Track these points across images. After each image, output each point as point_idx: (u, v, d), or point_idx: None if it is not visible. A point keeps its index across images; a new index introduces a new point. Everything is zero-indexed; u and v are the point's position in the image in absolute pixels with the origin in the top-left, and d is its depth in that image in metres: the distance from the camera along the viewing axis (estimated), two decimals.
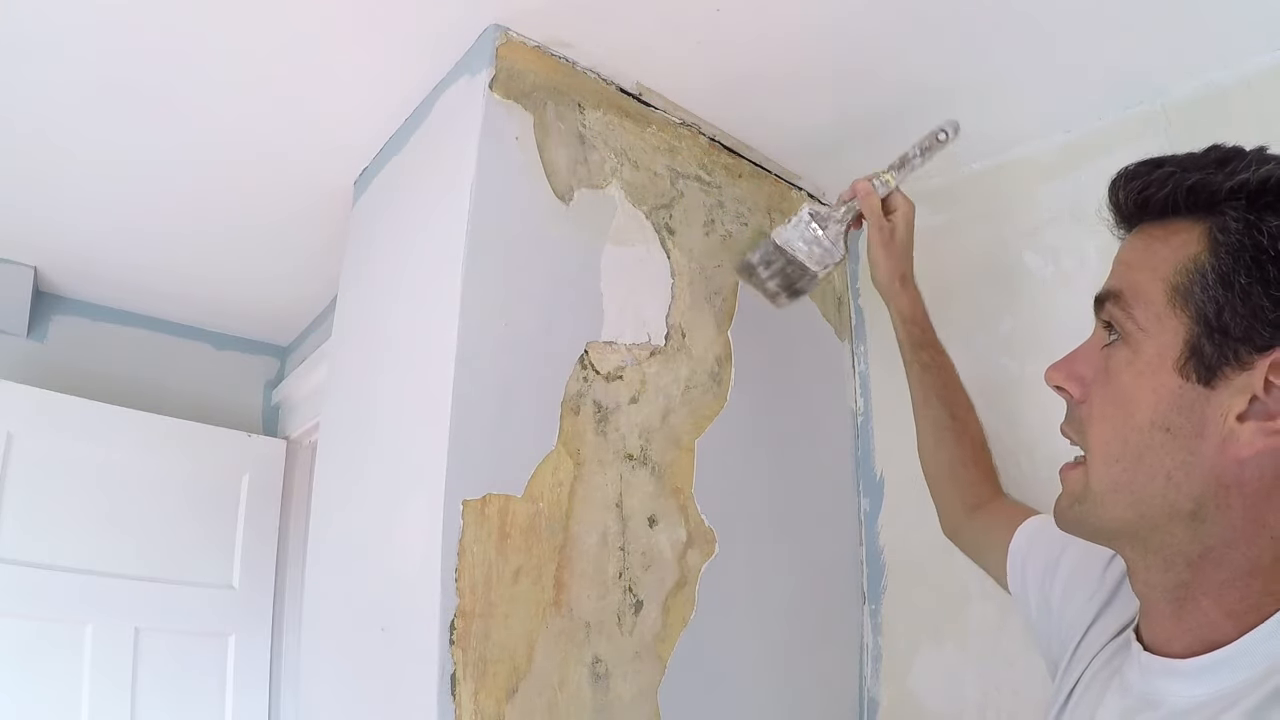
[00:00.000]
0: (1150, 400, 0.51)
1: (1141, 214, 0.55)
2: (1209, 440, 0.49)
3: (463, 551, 0.87)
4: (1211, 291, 0.49)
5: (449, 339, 0.93)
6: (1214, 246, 0.49)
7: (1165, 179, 0.52)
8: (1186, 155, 0.53)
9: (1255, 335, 0.47)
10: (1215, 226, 0.50)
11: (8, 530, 1.62)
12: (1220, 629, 0.49)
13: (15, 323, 1.82)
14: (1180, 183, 0.51)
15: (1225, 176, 0.50)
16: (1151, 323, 0.51)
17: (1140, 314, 0.52)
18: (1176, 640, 0.52)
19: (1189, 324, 0.50)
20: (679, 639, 1.03)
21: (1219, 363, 0.48)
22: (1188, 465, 0.49)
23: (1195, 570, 0.50)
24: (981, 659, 1.13)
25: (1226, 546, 0.49)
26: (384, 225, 1.26)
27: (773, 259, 1.05)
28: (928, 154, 1.01)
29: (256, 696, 1.88)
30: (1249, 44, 1.00)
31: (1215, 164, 0.51)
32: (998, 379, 1.20)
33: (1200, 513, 0.49)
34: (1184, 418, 0.49)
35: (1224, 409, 0.48)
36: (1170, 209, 0.52)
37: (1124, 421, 0.52)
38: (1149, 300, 0.52)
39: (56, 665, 1.62)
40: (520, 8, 1.02)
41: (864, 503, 1.34)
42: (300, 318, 2.10)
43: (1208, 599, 0.50)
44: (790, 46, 1.07)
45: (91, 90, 1.18)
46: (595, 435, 1.01)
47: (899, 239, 1.01)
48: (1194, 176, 0.51)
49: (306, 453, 2.10)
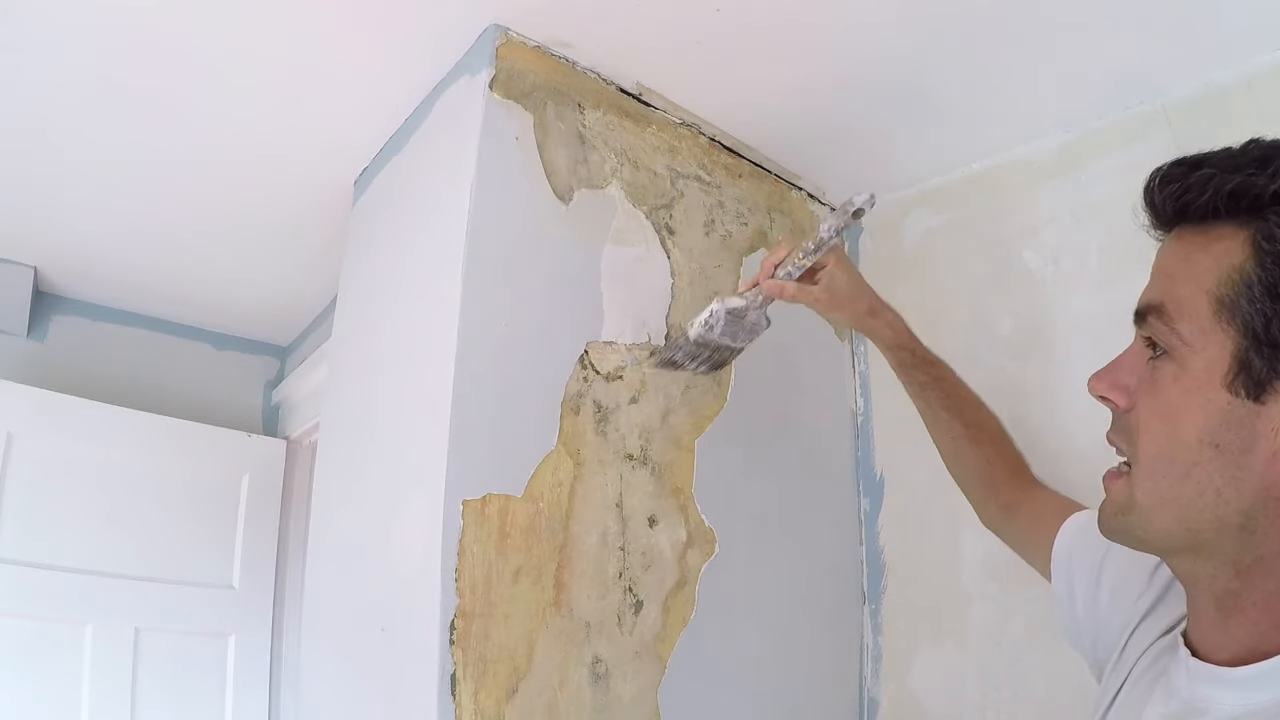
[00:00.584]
0: (1199, 417, 0.49)
1: (1180, 218, 0.53)
2: (1258, 455, 0.48)
3: (463, 551, 0.87)
4: (1259, 304, 0.47)
5: (449, 339, 0.93)
6: (1259, 255, 0.47)
7: (1205, 183, 0.50)
8: (1224, 153, 0.51)
9: None
10: (1260, 233, 0.48)
11: (8, 530, 1.62)
12: (1269, 639, 0.49)
13: (15, 323, 1.82)
14: (1221, 187, 0.49)
15: (1268, 179, 0.48)
16: (1197, 338, 0.50)
17: (1185, 329, 0.50)
18: (1224, 648, 0.51)
19: (1236, 338, 0.48)
20: (679, 639, 1.03)
21: (1269, 377, 0.47)
22: (1237, 481, 0.48)
23: (1244, 579, 0.50)
24: (981, 659, 1.13)
25: (1276, 557, 0.48)
26: (384, 225, 1.26)
27: (698, 353, 1.00)
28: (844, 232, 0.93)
29: (256, 696, 1.88)
30: (1249, 44, 1.00)
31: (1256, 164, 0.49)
32: (998, 379, 1.20)
33: (1249, 525, 0.48)
34: (1234, 434, 0.48)
35: (1274, 424, 0.47)
36: (1211, 213, 0.50)
37: (1171, 437, 0.51)
38: (1193, 314, 0.50)
39: (56, 665, 1.62)
40: (520, 8, 1.02)
41: (864, 503, 1.34)
42: (300, 318, 2.10)
43: (1256, 609, 0.50)
44: (790, 46, 1.07)
45: (91, 90, 1.18)
46: (595, 435, 1.01)
47: (839, 290, 0.95)
48: (1235, 179, 0.49)
49: (306, 453, 2.10)
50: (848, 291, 0.95)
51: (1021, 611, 1.10)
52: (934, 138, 1.26)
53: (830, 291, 0.94)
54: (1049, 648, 1.06)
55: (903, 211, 1.40)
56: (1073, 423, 1.09)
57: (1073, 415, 1.10)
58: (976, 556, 1.16)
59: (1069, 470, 0.94)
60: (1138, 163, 1.14)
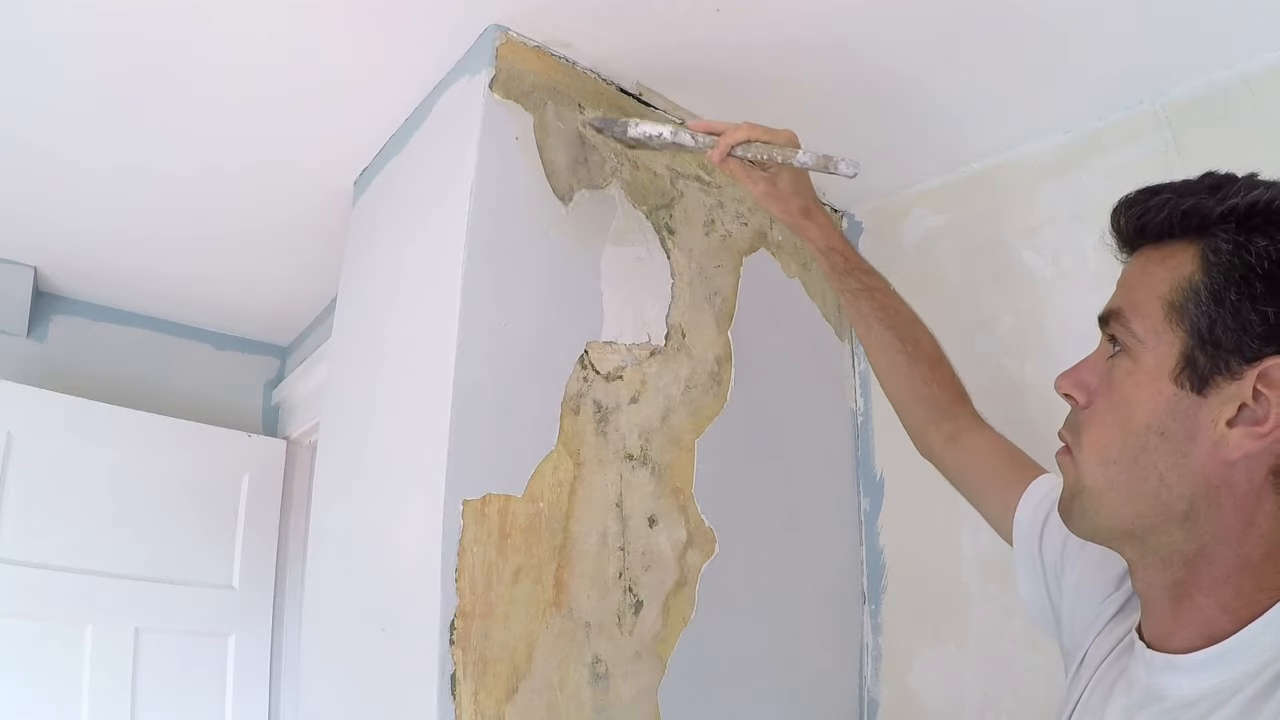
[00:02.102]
0: (1148, 406, 0.55)
1: (1140, 238, 0.59)
2: (1200, 444, 0.53)
3: (463, 551, 0.87)
4: (1205, 307, 0.53)
5: (449, 339, 0.93)
6: (1207, 266, 0.53)
7: (1161, 205, 0.56)
8: (1183, 182, 0.57)
9: (1244, 347, 0.51)
10: (1208, 248, 0.54)
11: (8, 530, 1.62)
12: (1217, 624, 0.52)
13: (15, 323, 1.82)
14: (1175, 208, 0.55)
15: (1217, 201, 0.54)
16: (1150, 336, 0.56)
17: (1139, 328, 0.56)
18: (1176, 636, 0.55)
19: (1184, 337, 0.54)
20: (679, 639, 1.03)
21: (1211, 372, 0.52)
22: (1179, 467, 0.53)
23: (1191, 568, 0.54)
24: (981, 659, 1.13)
25: (1219, 544, 0.53)
26: (384, 225, 1.26)
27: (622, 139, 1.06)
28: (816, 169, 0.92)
29: (256, 696, 1.88)
30: (1249, 44, 1.00)
31: (1208, 190, 0.55)
32: (998, 379, 1.20)
33: (1193, 513, 0.53)
34: (1177, 422, 0.53)
35: (1215, 415, 0.52)
36: (1166, 232, 0.57)
37: (1122, 425, 0.56)
38: (1147, 315, 0.56)
39: (56, 665, 1.62)
40: (520, 8, 1.02)
41: (864, 503, 1.34)
42: (300, 318, 2.10)
43: (1203, 595, 0.53)
44: (789, 46, 1.07)
45: (91, 89, 1.18)
46: (595, 435, 1.01)
47: (781, 185, 0.97)
48: (1188, 201, 0.55)
49: (306, 453, 2.10)
50: (788, 188, 0.98)
51: (1021, 611, 1.09)
52: (934, 138, 1.26)
53: (772, 184, 0.97)
54: (1049, 648, 1.05)
55: (903, 211, 1.40)
56: None
57: None
58: (976, 556, 1.16)
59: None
60: (1138, 163, 1.15)
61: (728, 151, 0.94)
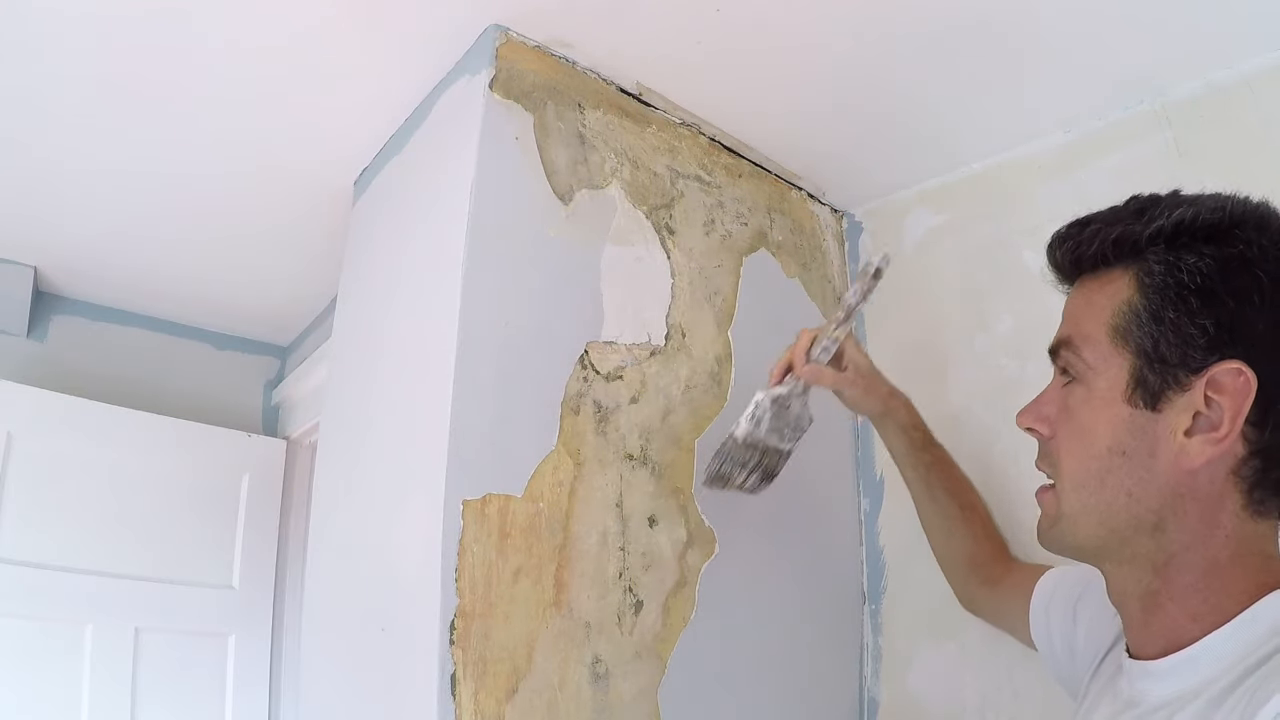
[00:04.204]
0: (1106, 429, 0.57)
1: (1077, 270, 0.62)
2: (1161, 458, 0.55)
3: (463, 551, 0.87)
4: (1146, 328, 0.55)
5: (449, 339, 0.93)
6: (1143, 288, 0.56)
7: (1093, 237, 0.59)
8: (1110, 210, 0.60)
9: (1189, 360, 0.54)
10: (1142, 271, 0.57)
11: (8, 530, 1.62)
12: (1186, 631, 0.54)
13: (15, 323, 1.82)
14: (1106, 237, 0.58)
15: (1143, 225, 0.56)
16: (1099, 361, 0.58)
17: (1089, 355, 0.59)
18: (1149, 644, 0.57)
19: (1131, 358, 0.56)
20: (679, 639, 1.03)
21: (1162, 388, 0.55)
22: (1144, 482, 0.55)
23: (1163, 577, 0.56)
24: (981, 659, 1.13)
25: (1187, 551, 0.55)
26: (384, 225, 1.26)
27: (747, 460, 0.97)
28: (869, 295, 0.95)
29: (256, 696, 1.88)
30: (1249, 44, 1.00)
31: (1134, 214, 0.58)
32: (998, 379, 1.20)
33: (1162, 524, 0.55)
34: (1137, 440, 0.56)
35: (1171, 428, 0.54)
36: (1101, 261, 0.59)
37: (1085, 450, 0.58)
38: (1095, 342, 0.59)
39: (56, 665, 1.62)
40: (520, 8, 1.02)
41: (864, 503, 1.34)
42: (300, 318, 2.10)
43: (1173, 604, 0.55)
44: (789, 46, 1.07)
45: (91, 89, 1.18)
46: (595, 435, 1.01)
47: (865, 371, 0.99)
48: (1116, 230, 0.58)
49: (306, 453, 2.10)
50: (871, 372, 1.01)
51: None
52: (934, 138, 1.25)
53: (859, 373, 0.99)
54: None
55: (903, 211, 1.40)
56: None
57: None
58: None
59: None
60: (1138, 163, 1.15)
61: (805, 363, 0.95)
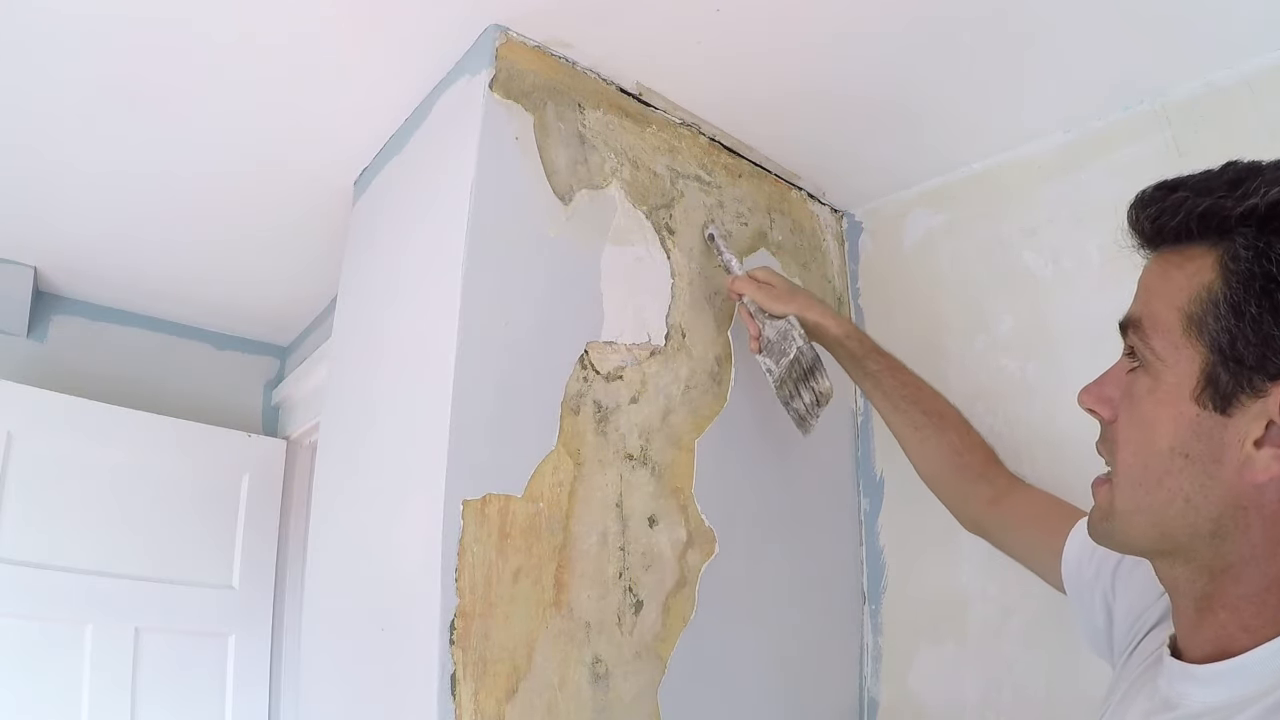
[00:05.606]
0: (1170, 428, 0.52)
1: (1159, 239, 0.55)
2: (1227, 465, 0.50)
3: (463, 551, 0.87)
4: (1224, 321, 0.49)
5: (449, 339, 0.93)
6: (1225, 274, 0.50)
7: (1178, 206, 0.52)
8: (1202, 176, 0.53)
9: (1268, 364, 0.48)
10: (1227, 254, 0.50)
11: (8, 530, 1.62)
12: (1236, 640, 0.51)
13: (15, 323, 1.82)
14: (1192, 209, 0.51)
15: (1236, 200, 0.50)
16: (1169, 352, 0.52)
17: (1158, 344, 0.53)
18: (1198, 648, 0.54)
19: (1205, 353, 0.50)
20: (679, 639, 1.03)
21: (1234, 391, 0.49)
22: (1206, 489, 0.51)
23: (1216, 583, 0.52)
24: (981, 659, 1.13)
25: (1245, 564, 0.51)
26: (384, 225, 1.26)
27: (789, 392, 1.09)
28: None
29: (256, 696, 1.88)
30: (1249, 44, 1.00)
31: (1228, 185, 0.51)
32: (998, 379, 1.20)
33: (1220, 531, 0.51)
34: (1202, 444, 0.51)
35: (1241, 435, 0.49)
36: (1184, 235, 0.53)
37: (1145, 446, 0.54)
38: (1166, 330, 0.53)
39: (56, 665, 1.62)
40: (520, 8, 1.02)
41: (864, 503, 1.34)
42: (300, 318, 2.10)
43: (1226, 611, 0.52)
44: (789, 46, 1.07)
45: (91, 89, 1.18)
46: (595, 435, 1.01)
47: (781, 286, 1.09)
48: (1205, 202, 0.51)
49: (306, 453, 2.10)
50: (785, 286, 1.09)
51: (1021, 610, 1.10)
52: (934, 138, 1.26)
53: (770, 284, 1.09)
54: (1049, 647, 1.06)
55: (903, 211, 1.40)
56: (1072, 423, 1.08)
57: (1073, 415, 1.08)
58: (976, 556, 1.16)
59: (1068, 470, 0.94)
60: (1138, 163, 1.15)
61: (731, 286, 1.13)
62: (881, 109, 1.19)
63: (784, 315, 1.06)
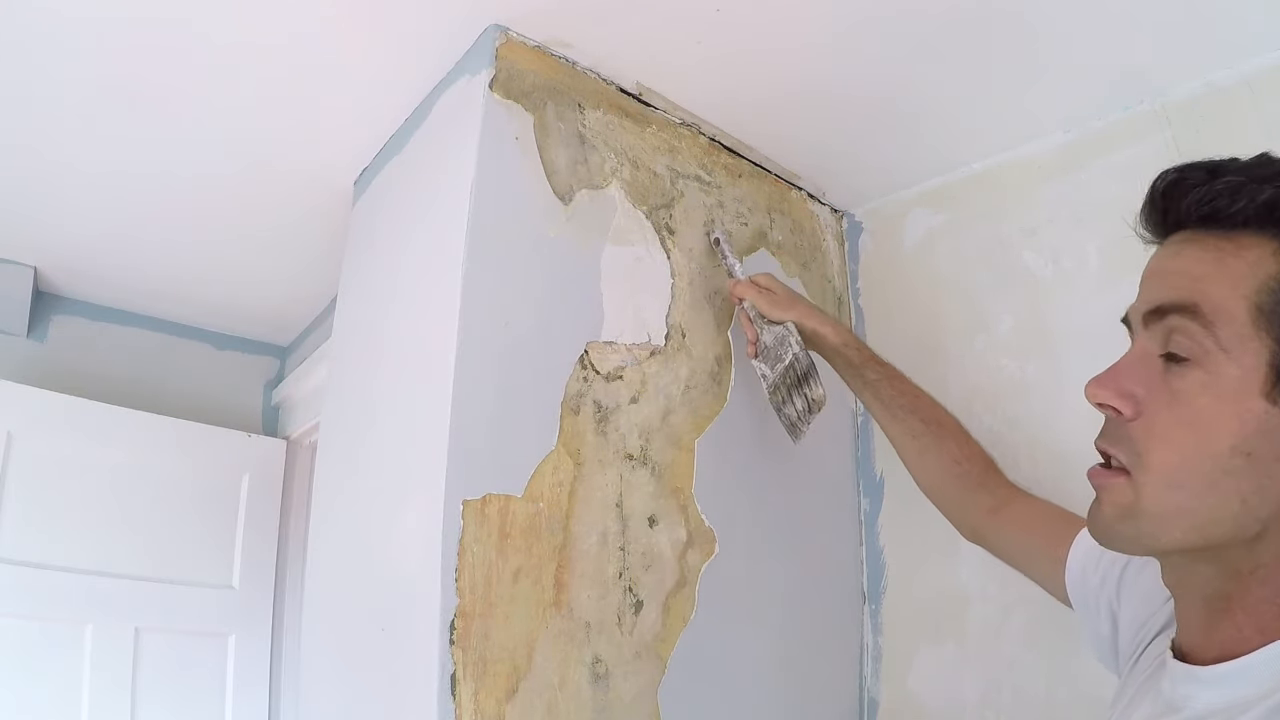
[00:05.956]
0: (1232, 426, 0.49)
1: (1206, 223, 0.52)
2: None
3: (463, 551, 0.87)
4: None
5: (449, 339, 0.93)
6: None
7: (1236, 191, 0.50)
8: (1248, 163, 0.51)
9: None
10: None
11: (8, 530, 1.62)
12: (1249, 642, 0.49)
13: (15, 323, 1.82)
14: (1255, 196, 0.49)
15: None
16: (1234, 344, 0.49)
17: (1224, 333, 0.49)
18: (1207, 650, 0.52)
19: (1273, 346, 0.48)
20: (679, 639, 1.03)
21: None
22: (1264, 489, 0.48)
23: (1240, 584, 0.51)
24: (981, 659, 1.13)
25: (1275, 565, 0.49)
26: (384, 225, 1.26)
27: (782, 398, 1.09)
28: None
29: (256, 696, 1.88)
30: (1249, 44, 1.00)
31: None
32: (998, 379, 1.20)
33: (1265, 534, 0.49)
34: (1266, 442, 0.48)
35: None
36: (1241, 222, 0.50)
37: (1198, 447, 0.50)
38: (1232, 318, 0.49)
39: (56, 665, 1.62)
40: (520, 8, 1.02)
41: (864, 503, 1.34)
42: (300, 318, 2.10)
43: (1243, 613, 0.50)
44: (789, 46, 1.07)
45: (91, 89, 1.18)
46: (595, 435, 1.01)
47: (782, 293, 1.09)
48: (1267, 191, 0.49)
49: (306, 453, 2.10)
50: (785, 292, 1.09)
51: (1021, 611, 1.10)
52: (934, 138, 1.26)
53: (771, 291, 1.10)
54: (1049, 648, 1.06)
55: (903, 211, 1.40)
56: (1073, 423, 1.09)
57: (1073, 416, 1.09)
58: (976, 556, 1.16)
59: (1069, 471, 0.94)
60: (1138, 163, 1.15)
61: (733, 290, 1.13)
62: (881, 109, 1.19)
63: (782, 321, 1.06)
